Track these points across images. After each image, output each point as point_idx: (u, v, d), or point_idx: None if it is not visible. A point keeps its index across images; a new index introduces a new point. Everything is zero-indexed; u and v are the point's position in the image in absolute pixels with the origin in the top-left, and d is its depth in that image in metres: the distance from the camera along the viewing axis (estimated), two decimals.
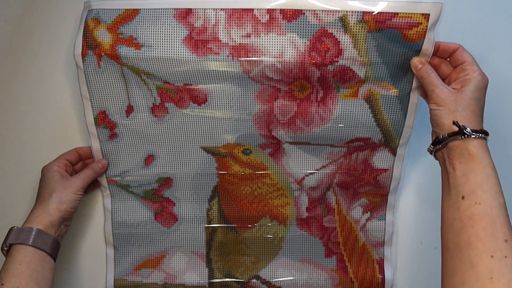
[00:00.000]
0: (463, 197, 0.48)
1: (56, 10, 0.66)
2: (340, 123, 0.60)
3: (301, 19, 0.55)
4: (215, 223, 0.66)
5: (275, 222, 0.66)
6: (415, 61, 0.55)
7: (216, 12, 0.56)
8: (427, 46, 0.54)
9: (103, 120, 0.61)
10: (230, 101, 0.60)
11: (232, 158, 0.64)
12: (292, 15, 0.56)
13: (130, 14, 0.57)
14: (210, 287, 0.68)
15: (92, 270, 0.68)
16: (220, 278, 0.68)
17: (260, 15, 0.56)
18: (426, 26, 0.53)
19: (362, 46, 0.55)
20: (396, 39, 0.54)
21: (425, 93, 0.57)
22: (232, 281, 0.68)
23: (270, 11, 0.56)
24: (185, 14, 0.57)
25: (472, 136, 0.49)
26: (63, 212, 0.57)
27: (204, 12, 0.57)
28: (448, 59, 0.56)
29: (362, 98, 0.59)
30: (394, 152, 0.62)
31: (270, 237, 0.67)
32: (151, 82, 0.59)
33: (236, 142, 0.63)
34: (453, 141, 0.50)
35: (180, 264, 0.68)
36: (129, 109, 0.61)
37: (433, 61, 0.56)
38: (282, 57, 0.56)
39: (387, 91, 0.58)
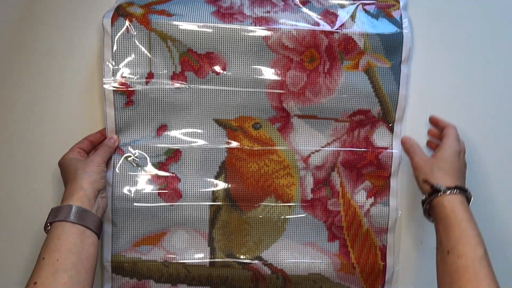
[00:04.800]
0: (448, 252, 0.53)
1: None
2: (344, 94, 0.66)
3: (308, 5, 0.67)
4: (220, 201, 0.66)
5: (279, 202, 0.67)
6: (405, 137, 0.67)
7: None
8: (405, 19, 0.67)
9: (122, 85, 0.64)
10: (247, 70, 0.64)
11: (242, 132, 0.66)
12: (302, 2, 0.67)
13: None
14: (211, 266, 0.66)
15: None
16: (222, 258, 0.66)
17: (276, 1, 0.67)
18: (399, 7, 0.68)
19: (358, 20, 0.65)
20: (380, 14, 0.67)
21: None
22: (234, 261, 0.66)
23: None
24: None
25: (447, 192, 0.56)
26: (94, 184, 0.58)
27: None
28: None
29: (362, 70, 0.66)
30: (391, 129, 0.67)
31: (274, 218, 0.67)
32: (175, 50, 0.63)
33: (247, 115, 0.66)
34: (433, 199, 0.57)
35: (181, 242, 0.66)
36: (149, 76, 0.64)
37: (431, 131, 0.68)
38: (296, 26, 0.64)
39: (382, 63, 0.66)
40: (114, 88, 0.63)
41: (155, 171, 0.66)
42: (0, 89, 0.68)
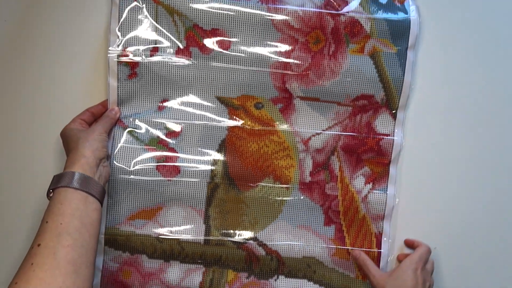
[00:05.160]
0: None
1: None
2: (348, 77, 0.65)
3: None
4: (219, 179, 0.66)
5: (277, 183, 0.67)
6: (356, 252, 0.67)
7: None
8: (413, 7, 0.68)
9: (126, 57, 0.64)
10: (252, 49, 0.64)
11: (244, 111, 0.66)
12: None
13: None
14: (205, 244, 0.65)
15: None
16: (217, 236, 0.66)
17: None
18: None
19: (365, 4, 0.65)
20: (389, 0, 0.67)
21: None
22: (228, 240, 0.66)
23: None
24: None
25: None
26: (96, 152, 0.58)
27: None
28: None
29: (368, 54, 0.66)
30: (394, 116, 0.67)
31: (271, 199, 0.66)
32: (181, 24, 0.63)
33: (250, 94, 0.66)
34: None
35: (177, 218, 0.66)
36: (154, 49, 0.64)
37: (400, 256, 0.68)
38: (303, 7, 0.64)
39: (388, 48, 0.66)
40: (119, 59, 0.63)
41: (155, 145, 0.65)
42: (6, 59, 0.68)
